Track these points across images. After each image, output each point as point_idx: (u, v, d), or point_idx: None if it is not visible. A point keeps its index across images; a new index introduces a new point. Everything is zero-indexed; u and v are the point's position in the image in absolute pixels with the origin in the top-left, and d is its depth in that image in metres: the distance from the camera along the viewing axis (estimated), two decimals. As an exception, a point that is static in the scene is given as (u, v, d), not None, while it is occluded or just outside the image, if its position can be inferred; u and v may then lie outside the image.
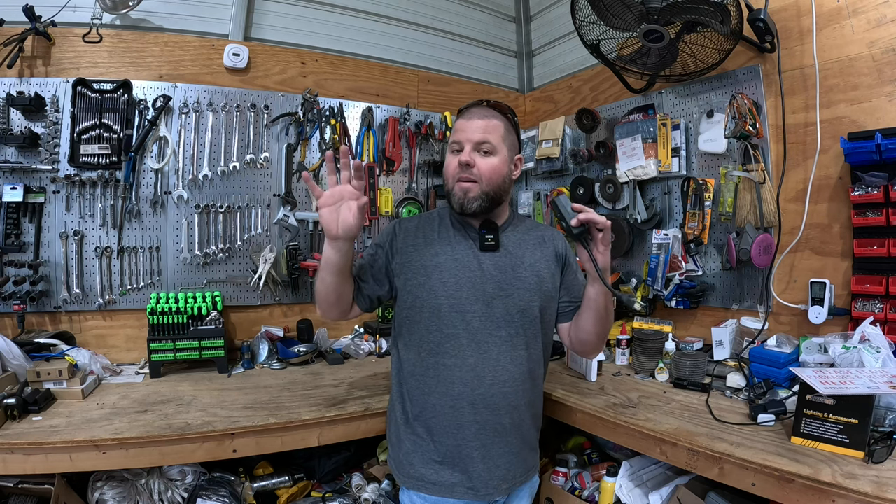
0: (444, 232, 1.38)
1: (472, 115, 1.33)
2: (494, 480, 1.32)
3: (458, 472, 1.31)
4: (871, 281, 1.60)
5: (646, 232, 2.32)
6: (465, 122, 1.33)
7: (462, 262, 1.33)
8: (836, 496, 1.07)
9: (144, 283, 2.21)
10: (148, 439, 1.46)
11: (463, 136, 1.31)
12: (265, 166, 2.42)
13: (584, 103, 2.70)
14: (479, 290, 1.31)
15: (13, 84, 2.02)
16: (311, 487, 1.93)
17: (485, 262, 1.34)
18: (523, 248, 1.39)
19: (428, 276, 1.32)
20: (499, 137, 1.32)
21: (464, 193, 1.30)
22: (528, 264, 1.37)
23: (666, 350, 1.92)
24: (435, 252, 1.34)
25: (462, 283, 1.31)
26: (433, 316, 1.31)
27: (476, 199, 1.30)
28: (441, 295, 1.30)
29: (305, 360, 2.28)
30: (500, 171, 1.32)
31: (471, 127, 1.31)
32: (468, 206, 1.31)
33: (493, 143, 1.30)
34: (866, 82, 1.66)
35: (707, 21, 1.71)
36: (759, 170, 1.87)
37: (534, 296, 1.35)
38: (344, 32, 2.72)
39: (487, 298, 1.31)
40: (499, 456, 1.33)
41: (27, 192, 2.02)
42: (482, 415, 1.30)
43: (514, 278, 1.34)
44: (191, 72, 2.31)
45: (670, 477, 1.64)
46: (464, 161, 1.29)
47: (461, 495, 1.31)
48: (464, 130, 1.32)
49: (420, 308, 1.32)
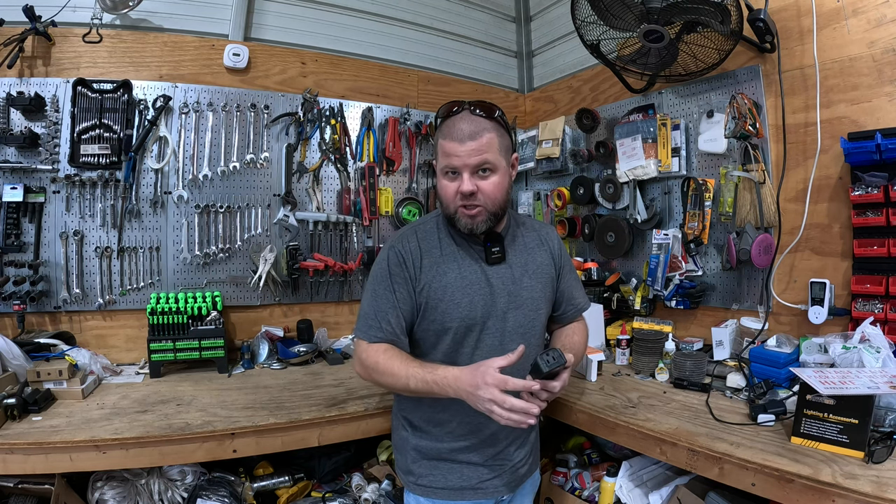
0: (448, 248, 1.31)
1: (460, 133, 1.18)
2: (505, 481, 1.34)
3: (468, 476, 1.32)
4: (871, 281, 1.60)
5: (646, 232, 2.31)
6: (455, 145, 1.18)
7: (470, 279, 1.28)
8: (836, 496, 1.07)
9: (144, 283, 2.21)
10: (148, 439, 1.46)
11: (459, 162, 1.19)
12: (265, 166, 2.42)
13: (584, 103, 2.70)
14: (492, 307, 1.28)
15: (13, 84, 2.02)
16: (311, 487, 1.93)
17: (492, 276, 1.30)
18: (526, 254, 1.37)
19: (440, 300, 1.27)
20: (496, 152, 1.21)
21: (471, 220, 1.24)
22: (531, 271, 1.36)
23: (666, 350, 1.92)
24: (443, 272, 1.28)
25: (475, 303, 1.27)
26: (445, 336, 1.28)
27: (484, 222, 1.25)
28: (455, 317, 1.26)
29: (305, 360, 2.28)
30: (503, 185, 1.25)
31: (465, 151, 1.18)
32: (477, 229, 1.25)
33: (492, 161, 1.20)
34: (866, 82, 1.65)
35: (707, 21, 1.71)
36: (759, 170, 1.87)
37: (541, 303, 1.36)
38: (344, 32, 2.72)
39: (500, 313, 1.29)
40: (508, 458, 1.35)
41: (27, 192, 2.02)
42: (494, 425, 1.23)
43: (522, 289, 1.33)
44: (191, 72, 2.31)
45: (670, 477, 1.64)
46: (466, 191, 1.19)
47: (471, 497, 1.32)
48: (457, 155, 1.18)
49: (433, 330, 1.29)
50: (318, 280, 2.51)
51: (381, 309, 1.27)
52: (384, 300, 1.27)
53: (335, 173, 2.59)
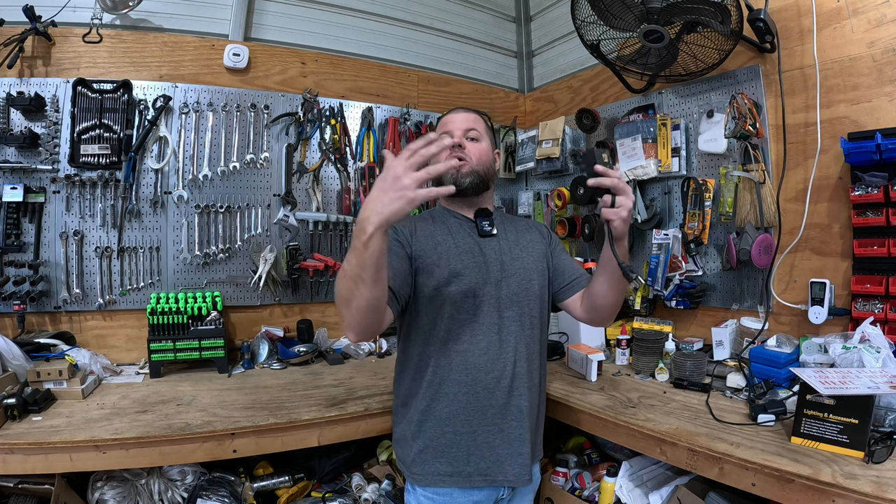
0: (441, 224, 1.42)
1: (456, 112, 1.47)
2: (514, 466, 1.33)
3: (475, 460, 1.31)
4: (871, 281, 1.60)
5: (646, 232, 2.31)
6: (450, 116, 1.46)
7: (464, 248, 1.36)
8: (836, 496, 1.07)
9: (144, 284, 2.21)
10: (148, 439, 1.46)
11: (452, 126, 1.43)
12: (265, 166, 2.42)
13: (584, 103, 2.70)
14: (486, 274, 1.34)
15: (13, 84, 2.02)
16: (311, 487, 1.93)
17: (485, 246, 1.38)
18: (516, 232, 1.47)
19: (436, 265, 1.32)
20: (482, 129, 1.46)
21: (457, 170, 1.36)
22: (522, 245, 1.44)
23: (666, 350, 1.92)
24: (437, 241, 1.36)
25: (469, 269, 1.33)
26: (443, 305, 1.31)
27: (468, 174, 1.38)
28: (451, 282, 1.31)
29: (305, 360, 2.28)
30: (488, 154, 1.43)
31: (457, 118, 1.44)
32: (461, 180, 1.37)
33: (479, 131, 1.43)
34: (866, 82, 1.65)
35: (707, 21, 1.71)
36: (759, 170, 1.87)
37: (534, 275, 1.41)
38: (344, 32, 2.72)
39: (494, 280, 1.34)
40: (517, 439, 1.34)
41: (27, 192, 2.02)
42: (498, 398, 1.31)
43: (514, 259, 1.40)
44: (191, 72, 2.31)
45: (670, 477, 1.64)
46: (456, 142, 1.37)
47: (478, 483, 1.31)
48: (452, 122, 1.44)
49: (430, 298, 1.32)
50: (319, 280, 2.51)
51: None
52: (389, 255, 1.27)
53: (335, 173, 2.59)
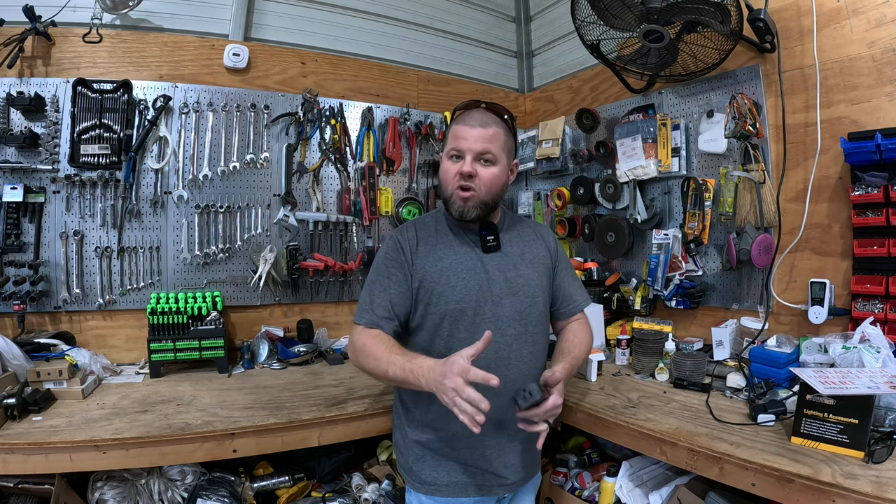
0: (444, 237, 1.38)
1: (472, 120, 1.30)
2: (509, 476, 1.34)
3: (472, 471, 1.32)
4: (871, 281, 1.60)
5: (646, 232, 2.31)
6: (465, 129, 1.29)
7: (466, 265, 1.33)
8: (836, 496, 1.07)
9: (144, 283, 2.21)
10: (148, 439, 1.46)
11: (465, 146, 1.28)
12: (265, 166, 2.42)
13: (584, 103, 2.70)
14: (487, 292, 1.31)
15: (13, 84, 2.02)
16: (311, 487, 1.93)
17: (488, 262, 1.35)
18: (522, 245, 1.42)
19: (436, 283, 1.31)
20: (499, 146, 1.30)
21: (464, 202, 1.30)
22: (528, 259, 1.40)
23: (666, 350, 1.92)
24: (439, 257, 1.33)
25: (470, 287, 1.31)
26: (442, 323, 1.30)
27: (475, 207, 1.31)
28: (451, 300, 1.30)
29: (305, 360, 2.27)
30: (500, 180, 1.33)
31: (472, 136, 1.28)
32: (468, 214, 1.32)
33: (494, 153, 1.29)
34: (866, 82, 1.65)
35: (707, 21, 1.71)
36: (759, 170, 1.87)
37: (538, 291, 1.38)
38: (344, 32, 2.72)
39: (496, 298, 1.32)
40: (511, 452, 1.35)
41: (27, 192, 2.02)
42: (497, 413, 1.28)
43: (518, 276, 1.36)
44: (191, 72, 2.31)
45: (670, 477, 1.64)
46: (466, 172, 1.28)
47: (475, 493, 1.32)
48: (465, 138, 1.28)
49: (430, 315, 1.31)
50: (318, 280, 2.51)
51: (375, 293, 1.33)
52: (378, 285, 1.33)
53: (335, 173, 2.59)
